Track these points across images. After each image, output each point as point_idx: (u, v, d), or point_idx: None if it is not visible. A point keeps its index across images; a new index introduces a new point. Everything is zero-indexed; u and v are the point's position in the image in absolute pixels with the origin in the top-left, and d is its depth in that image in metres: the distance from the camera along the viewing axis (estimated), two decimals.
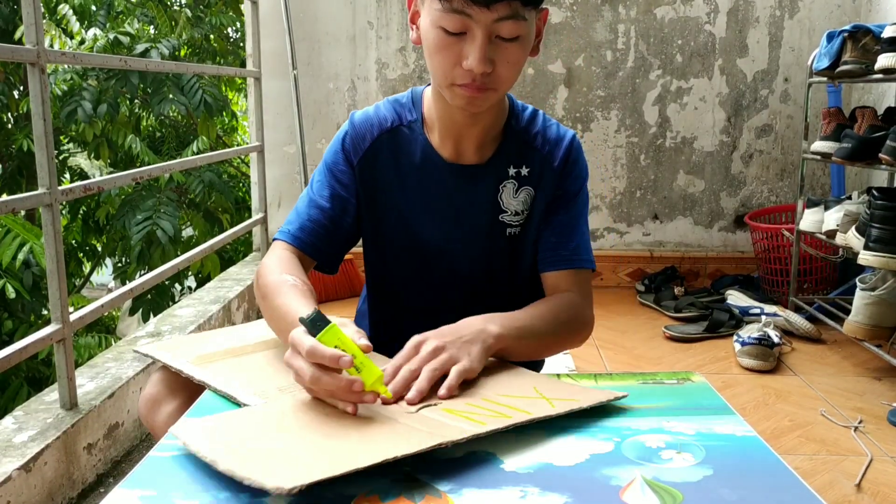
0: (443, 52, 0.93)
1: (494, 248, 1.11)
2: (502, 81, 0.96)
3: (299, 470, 0.61)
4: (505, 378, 0.87)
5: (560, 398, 0.80)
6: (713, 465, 0.67)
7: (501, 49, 0.93)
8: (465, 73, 0.93)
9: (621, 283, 3.28)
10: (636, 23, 3.16)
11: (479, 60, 0.91)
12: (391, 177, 1.08)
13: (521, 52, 0.95)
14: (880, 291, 2.12)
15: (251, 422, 0.74)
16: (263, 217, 3.14)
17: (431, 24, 0.93)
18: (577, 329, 1.07)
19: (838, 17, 3.16)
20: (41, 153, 1.53)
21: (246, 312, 2.73)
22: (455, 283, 1.13)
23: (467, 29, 0.91)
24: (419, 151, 1.07)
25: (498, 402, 0.79)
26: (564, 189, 1.10)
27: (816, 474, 1.66)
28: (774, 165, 3.27)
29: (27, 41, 1.51)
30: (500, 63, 0.93)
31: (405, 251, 1.12)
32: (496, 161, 1.08)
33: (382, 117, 1.09)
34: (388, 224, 1.11)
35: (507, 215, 1.09)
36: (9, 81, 4.15)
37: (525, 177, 1.08)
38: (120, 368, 1.87)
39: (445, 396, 0.79)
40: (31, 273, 3.43)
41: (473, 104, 0.97)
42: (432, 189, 1.08)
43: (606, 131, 3.25)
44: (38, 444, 1.46)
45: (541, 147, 1.09)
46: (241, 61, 4.91)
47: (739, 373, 2.28)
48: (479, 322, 0.91)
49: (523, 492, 0.62)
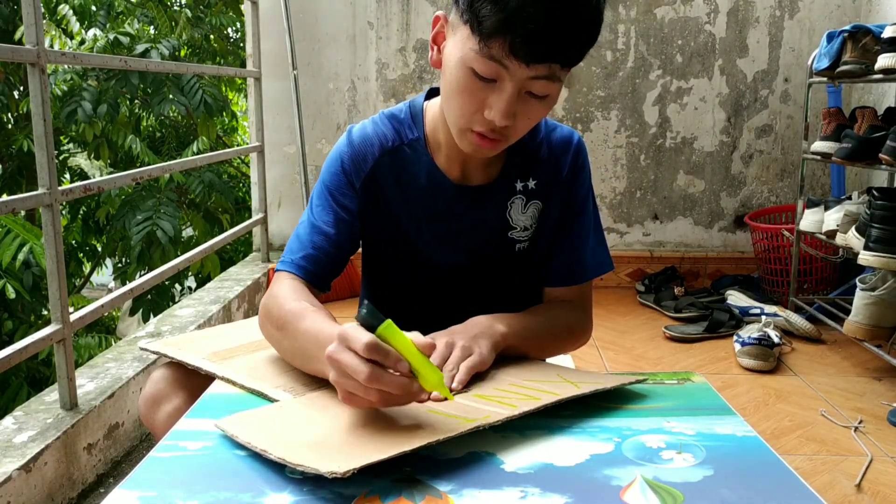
0: (467, 95, 0.88)
1: (504, 265, 1.10)
2: (517, 135, 0.93)
3: (349, 455, 0.63)
4: (528, 367, 0.92)
5: (584, 382, 0.84)
6: (713, 466, 0.67)
7: (527, 105, 0.89)
8: (483, 122, 0.89)
9: (621, 284, 3.28)
10: (636, 23, 3.16)
11: (503, 114, 0.86)
12: (395, 198, 1.05)
13: (545, 111, 0.91)
14: (880, 291, 2.12)
15: (289, 415, 0.76)
16: (263, 217, 3.14)
17: (461, 62, 0.87)
18: (577, 335, 1.10)
19: (838, 17, 3.16)
20: (41, 153, 1.53)
21: (246, 312, 2.73)
22: (462, 300, 1.11)
23: (499, 78, 0.86)
24: (424, 173, 1.04)
25: (525, 386, 0.83)
26: (573, 195, 1.08)
27: (816, 474, 1.66)
28: (774, 165, 3.27)
29: (27, 41, 1.51)
30: (520, 118, 0.89)
31: (409, 270, 1.10)
32: (503, 178, 1.05)
33: (382, 135, 1.05)
34: (392, 244, 1.09)
35: (517, 231, 1.07)
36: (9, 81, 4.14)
37: (533, 190, 1.06)
38: (120, 369, 1.87)
39: (457, 390, 0.82)
40: (31, 273, 3.43)
41: (481, 152, 0.94)
42: (440, 211, 1.05)
43: (606, 131, 3.25)
44: (38, 444, 1.46)
45: (547, 157, 1.06)
46: (241, 61, 4.91)
47: (739, 373, 2.28)
48: (487, 320, 0.94)
49: (524, 492, 0.62)
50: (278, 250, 3.37)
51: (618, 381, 0.84)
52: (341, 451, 0.65)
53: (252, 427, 0.71)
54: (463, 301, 1.12)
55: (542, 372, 0.89)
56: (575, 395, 0.78)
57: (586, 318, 1.11)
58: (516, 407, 0.74)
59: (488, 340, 0.89)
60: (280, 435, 0.70)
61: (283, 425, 0.73)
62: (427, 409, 0.74)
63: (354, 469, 0.60)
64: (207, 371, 0.92)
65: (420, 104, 1.07)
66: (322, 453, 0.64)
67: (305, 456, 0.63)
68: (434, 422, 0.71)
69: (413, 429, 0.69)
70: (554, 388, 0.81)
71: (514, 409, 0.74)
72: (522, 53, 0.82)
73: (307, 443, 0.68)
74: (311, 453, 0.64)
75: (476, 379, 0.85)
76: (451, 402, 0.76)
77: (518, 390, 0.81)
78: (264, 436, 0.69)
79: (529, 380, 0.85)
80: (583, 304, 1.11)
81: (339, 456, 0.63)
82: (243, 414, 0.76)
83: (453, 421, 0.70)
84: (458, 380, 0.82)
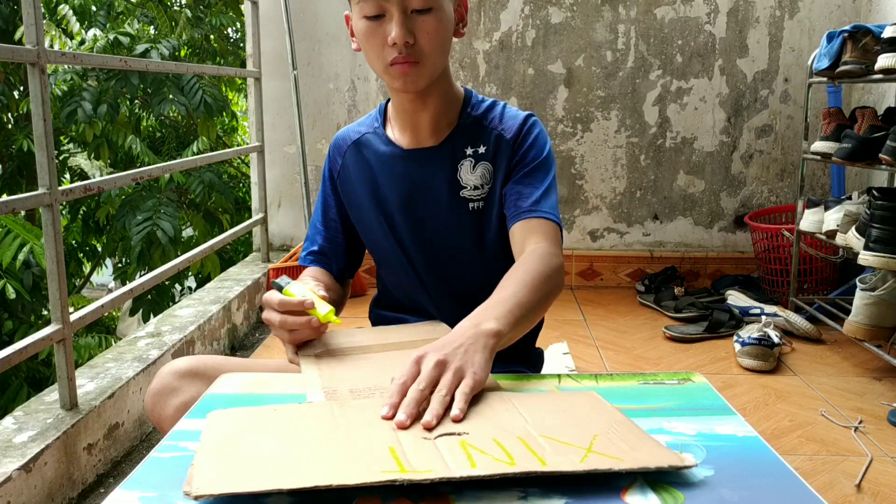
0: (370, 37, 1.04)
1: (461, 224, 1.16)
2: (426, 53, 1.04)
3: (298, 472, 0.61)
4: (570, 415, 0.75)
5: (605, 453, 0.65)
6: (714, 466, 0.67)
7: (419, 22, 1.02)
8: (392, 50, 1.02)
9: (621, 284, 3.28)
10: (636, 23, 3.16)
11: (399, 31, 1.00)
12: (363, 177, 1.19)
13: (438, 24, 1.03)
14: (880, 292, 2.12)
15: (266, 421, 0.73)
16: (263, 217, 3.14)
17: (357, 19, 1.05)
18: (556, 281, 1.03)
19: (838, 17, 3.16)
20: (41, 153, 1.53)
21: (246, 312, 2.73)
22: (430, 261, 1.19)
23: (384, 11, 1.02)
24: (382, 147, 1.18)
25: (529, 444, 0.67)
26: (521, 157, 1.14)
27: (816, 474, 1.66)
28: (774, 166, 3.27)
29: (27, 41, 1.51)
30: (419, 34, 1.03)
31: (385, 240, 1.20)
32: (451, 142, 1.14)
33: (355, 131, 1.22)
34: (370, 222, 1.20)
35: (468, 190, 1.15)
36: (9, 82, 4.15)
37: (481, 154, 1.14)
38: (120, 369, 1.87)
39: (459, 419, 0.73)
40: (31, 273, 3.43)
41: (408, 80, 1.05)
42: (395, 176, 1.16)
43: (606, 131, 3.25)
44: (38, 444, 1.46)
45: (495, 126, 1.15)
46: (241, 61, 4.91)
47: (739, 373, 2.28)
48: (473, 323, 0.87)
49: (524, 492, 0.62)
50: (278, 250, 3.37)
51: (651, 463, 0.63)
52: (285, 467, 0.62)
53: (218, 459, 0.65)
54: (436, 269, 1.19)
55: (579, 430, 0.70)
56: (561, 472, 0.62)
57: (554, 257, 1.04)
58: (513, 462, 0.63)
59: (481, 353, 0.82)
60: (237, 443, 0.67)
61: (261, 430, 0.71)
62: (389, 447, 0.66)
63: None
64: (302, 364, 0.94)
65: (384, 103, 1.22)
66: (270, 467, 0.62)
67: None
68: (385, 459, 0.64)
69: (361, 460, 0.64)
70: (560, 452, 0.65)
71: (510, 464, 0.63)
72: None
73: (267, 454, 0.65)
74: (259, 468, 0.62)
75: (481, 409, 0.76)
76: (432, 444, 0.67)
77: (518, 447, 0.66)
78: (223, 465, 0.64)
79: (546, 436, 0.69)
80: (547, 241, 1.06)
81: (274, 472, 0.61)
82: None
83: (421, 465, 0.63)
84: (459, 409, 0.74)
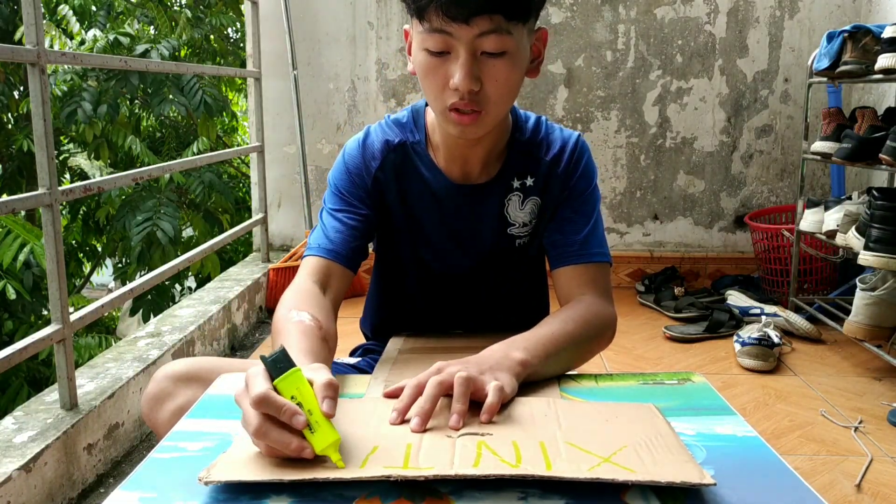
0: (430, 74, 0.91)
1: (502, 260, 1.11)
2: (492, 102, 0.92)
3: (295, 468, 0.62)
4: (611, 425, 0.72)
5: (622, 464, 0.64)
6: (714, 466, 0.67)
7: (488, 66, 0.90)
8: (453, 94, 0.91)
9: (621, 284, 3.28)
10: (636, 23, 3.16)
11: (464, 76, 0.88)
12: (400, 196, 1.08)
13: (510, 69, 0.91)
14: (880, 292, 2.12)
15: None
16: (263, 217, 3.14)
17: (418, 48, 0.92)
18: (601, 331, 1.01)
19: (838, 18, 3.16)
20: (41, 153, 1.53)
21: (246, 313, 2.73)
22: (468, 299, 1.14)
23: (451, 48, 0.89)
24: (427, 174, 1.06)
25: (547, 449, 0.66)
26: (570, 189, 1.08)
27: (816, 474, 1.66)
28: (774, 166, 3.27)
29: (27, 41, 1.51)
30: (487, 81, 0.90)
31: (415, 270, 1.12)
32: (501, 176, 1.07)
33: (389, 137, 1.08)
34: (397, 242, 1.12)
35: (515, 228, 1.09)
36: (9, 82, 4.14)
37: (530, 187, 1.07)
38: (120, 369, 1.87)
39: (487, 420, 0.72)
40: (32, 273, 3.43)
41: (466, 131, 0.95)
42: (441, 211, 1.07)
43: (606, 132, 3.25)
44: (38, 444, 1.46)
45: (544, 155, 1.07)
46: (241, 61, 4.91)
47: (739, 373, 2.28)
48: (502, 349, 0.85)
49: (524, 493, 0.62)
50: (278, 250, 3.37)
51: (681, 477, 0.61)
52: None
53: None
54: (469, 300, 1.15)
55: (609, 439, 0.68)
56: (607, 480, 0.61)
57: (605, 308, 1.02)
58: (517, 465, 0.63)
59: (506, 373, 0.80)
60: None
61: None
62: (408, 442, 0.67)
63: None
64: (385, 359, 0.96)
65: (421, 107, 1.09)
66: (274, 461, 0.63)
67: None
68: (396, 453, 0.65)
69: (382, 456, 0.65)
70: (576, 459, 0.64)
71: (513, 466, 0.63)
72: (455, 13, 0.85)
73: None
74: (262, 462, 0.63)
75: (519, 411, 0.75)
76: (450, 442, 0.67)
77: (536, 454, 0.65)
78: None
79: (570, 442, 0.67)
80: (597, 292, 1.03)
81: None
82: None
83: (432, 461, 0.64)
84: (489, 405, 0.72)
